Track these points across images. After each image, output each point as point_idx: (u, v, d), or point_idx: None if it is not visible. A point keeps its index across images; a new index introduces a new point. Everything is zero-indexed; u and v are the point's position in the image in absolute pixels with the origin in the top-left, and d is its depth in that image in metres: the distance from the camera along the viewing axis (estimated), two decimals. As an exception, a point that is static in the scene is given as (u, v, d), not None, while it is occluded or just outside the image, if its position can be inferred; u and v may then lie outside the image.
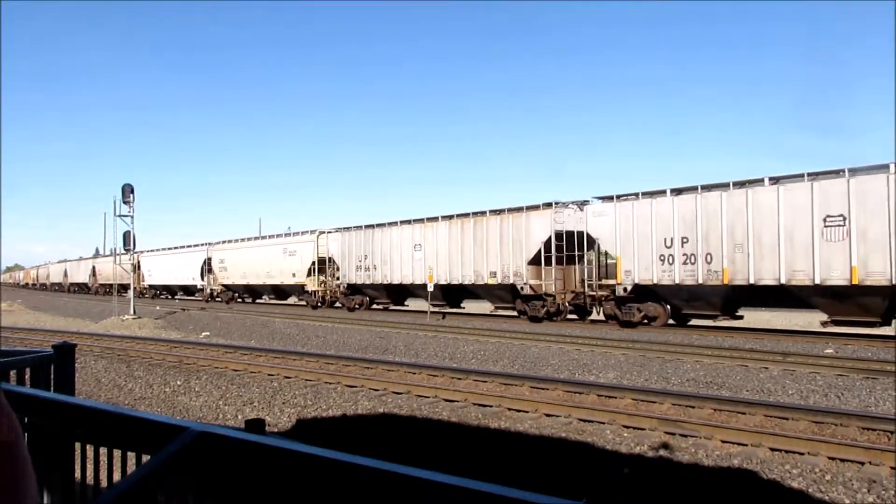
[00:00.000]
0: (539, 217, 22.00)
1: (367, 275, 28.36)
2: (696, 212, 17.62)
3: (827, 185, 15.33)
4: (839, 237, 15.02)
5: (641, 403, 8.21)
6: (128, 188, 27.17)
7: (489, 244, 23.37)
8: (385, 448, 6.72)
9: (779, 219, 16.02)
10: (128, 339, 17.29)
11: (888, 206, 14.29)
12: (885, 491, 5.21)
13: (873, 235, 14.56)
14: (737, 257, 16.80)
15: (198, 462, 1.60)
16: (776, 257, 16.03)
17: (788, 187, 16.02)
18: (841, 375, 10.64)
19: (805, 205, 15.60)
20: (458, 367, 11.34)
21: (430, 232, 25.62)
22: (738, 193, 16.85)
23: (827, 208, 15.23)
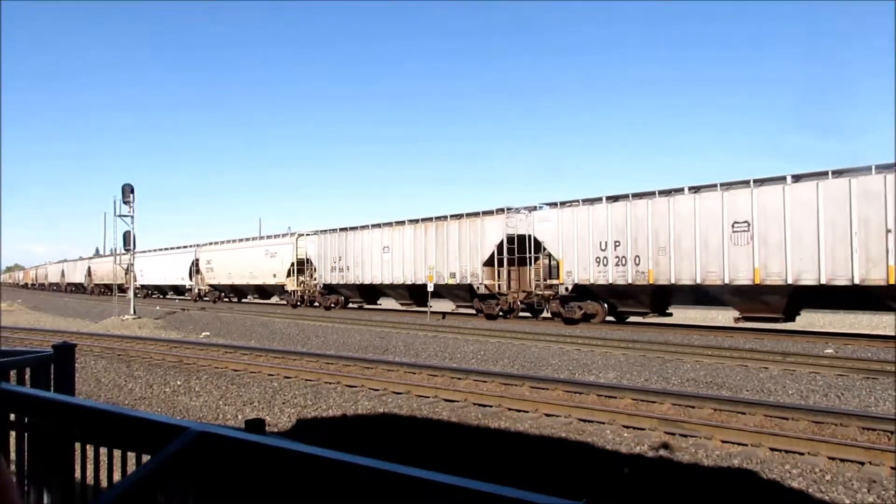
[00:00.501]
0: (493, 221, 23.46)
1: (341, 275, 29.89)
2: (627, 218, 19.21)
3: (735, 195, 16.89)
4: (744, 241, 16.60)
5: (641, 403, 8.21)
6: (128, 188, 27.18)
7: (449, 247, 24.79)
8: (385, 448, 6.72)
9: (695, 225, 17.62)
10: (128, 339, 17.29)
11: (783, 214, 15.89)
12: (885, 491, 5.21)
13: (772, 240, 16.09)
14: (660, 259, 18.34)
15: (198, 462, 1.60)
16: (693, 259, 17.61)
17: (703, 196, 17.62)
18: (841, 375, 10.64)
19: (717, 212, 17.13)
20: (458, 367, 11.34)
21: (398, 235, 27.08)
22: (662, 201, 18.43)
23: (735, 215, 16.79)
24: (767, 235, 16.18)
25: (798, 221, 15.67)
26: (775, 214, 16.04)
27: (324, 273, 30.95)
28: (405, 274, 26.48)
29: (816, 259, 15.33)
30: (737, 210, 16.78)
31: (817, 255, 15.31)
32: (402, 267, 26.59)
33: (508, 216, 22.77)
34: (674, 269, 18.01)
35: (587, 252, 20.21)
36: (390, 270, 27.15)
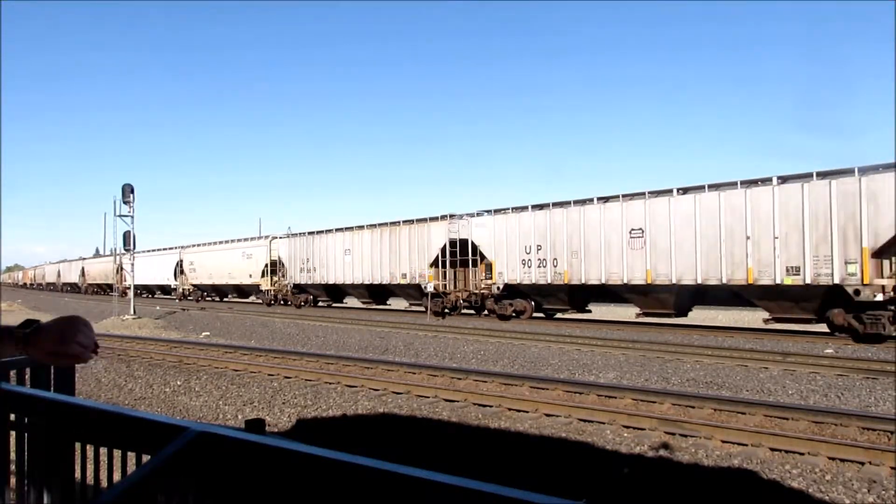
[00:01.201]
0: (437, 227, 25.58)
1: (309, 276, 32.03)
2: (547, 225, 21.47)
3: (632, 205, 19.23)
4: (639, 246, 18.95)
5: (641, 403, 8.21)
6: (128, 188, 27.19)
7: (401, 250, 27.01)
8: (385, 448, 6.72)
9: (601, 231, 19.98)
10: (128, 339, 17.29)
11: (669, 222, 18.30)
12: (886, 491, 5.21)
13: (661, 245, 18.45)
14: (573, 262, 20.75)
15: (198, 462, 1.60)
16: (599, 262, 19.98)
17: (607, 206, 19.98)
18: (841, 375, 10.64)
19: (618, 220, 19.52)
20: (458, 367, 11.34)
21: (357, 238, 29.27)
22: (575, 210, 20.81)
23: (632, 223, 19.16)
24: (657, 241, 18.56)
25: (680, 229, 18.04)
26: (663, 223, 18.45)
27: (294, 274, 33.11)
28: (364, 275, 28.72)
29: (694, 262, 17.73)
30: (633, 219, 19.13)
31: (695, 259, 17.71)
32: (362, 268, 28.79)
33: (451, 222, 24.92)
34: (584, 271, 20.36)
35: (515, 255, 22.44)
36: (351, 271, 29.41)
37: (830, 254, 15.43)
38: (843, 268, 15.24)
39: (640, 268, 18.88)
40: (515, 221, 22.63)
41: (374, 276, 28.24)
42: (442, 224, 25.29)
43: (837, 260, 15.33)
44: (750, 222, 16.73)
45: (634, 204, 19.18)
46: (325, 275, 30.95)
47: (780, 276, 16.22)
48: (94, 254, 65.39)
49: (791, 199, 16.10)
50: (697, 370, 11.45)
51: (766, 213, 16.50)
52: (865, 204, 14.87)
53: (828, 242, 15.49)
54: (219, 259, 39.38)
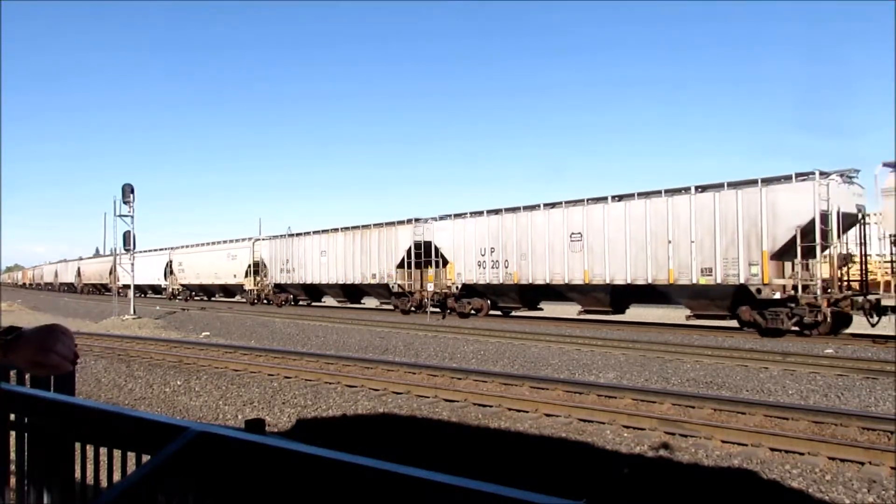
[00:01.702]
0: (404, 230, 27.12)
1: (288, 276, 33.73)
2: (500, 229, 23.16)
3: (572, 211, 20.94)
4: (578, 249, 20.65)
5: (641, 403, 8.21)
6: (128, 188, 27.20)
7: (371, 251, 28.61)
8: (385, 448, 6.72)
9: (546, 235, 21.58)
10: (128, 339, 17.29)
11: (604, 227, 19.97)
12: (885, 491, 5.21)
13: (596, 248, 20.14)
14: (522, 263, 22.32)
15: (198, 462, 1.60)
16: (545, 263, 21.59)
17: (552, 212, 21.53)
18: (841, 375, 10.64)
19: (560, 225, 21.17)
20: (458, 367, 11.35)
21: (332, 241, 30.85)
22: (524, 215, 22.39)
23: (572, 228, 20.86)
24: (593, 244, 20.26)
25: (613, 234, 19.70)
26: (599, 228, 20.15)
27: (275, 274, 34.82)
28: (338, 275, 30.27)
29: (625, 263, 19.37)
30: (573, 223, 20.85)
31: (625, 261, 19.35)
32: (336, 269, 30.33)
33: (416, 226, 26.55)
34: (531, 271, 22.02)
35: (472, 257, 24.10)
36: (327, 272, 30.96)
37: (737, 256, 17.14)
38: (748, 269, 16.93)
39: (579, 269, 20.61)
40: (472, 226, 24.27)
41: (347, 277, 29.77)
42: (408, 227, 26.83)
43: (743, 262, 17.04)
44: (671, 228, 18.40)
45: (575, 210, 20.94)
46: (303, 275, 32.56)
47: (696, 277, 17.85)
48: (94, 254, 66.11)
49: (705, 207, 17.80)
50: (697, 370, 11.45)
51: (684, 219, 18.14)
52: (765, 212, 16.62)
53: (735, 246, 17.16)
54: (205, 260, 40.97)
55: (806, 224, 16.08)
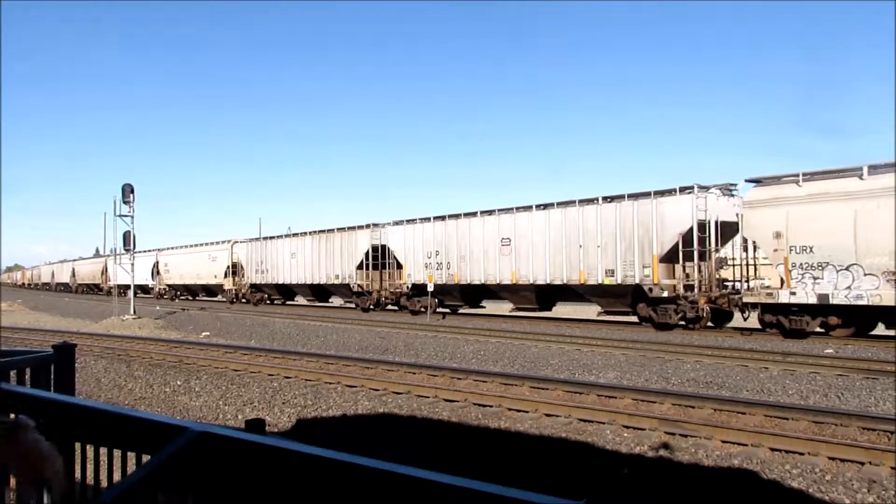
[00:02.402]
0: (363, 234, 29.32)
1: (263, 277, 35.99)
2: (444, 234, 25.39)
3: (503, 219, 23.34)
4: (508, 252, 22.92)
5: (641, 403, 8.21)
6: (128, 188, 27.20)
7: (334, 254, 30.67)
8: (385, 448, 6.72)
9: (482, 240, 23.86)
10: (128, 339, 17.29)
11: (529, 233, 22.27)
12: (886, 491, 5.21)
13: (522, 252, 22.42)
14: (462, 265, 24.62)
15: (198, 462, 1.60)
16: (480, 265, 23.86)
17: (486, 219, 23.92)
18: (841, 375, 10.63)
19: (494, 231, 23.55)
20: (458, 367, 11.34)
21: (301, 244, 32.91)
22: (464, 222, 24.77)
23: (503, 234, 23.14)
24: (520, 248, 22.48)
25: (536, 239, 21.96)
26: (525, 234, 22.39)
27: (251, 275, 37.08)
28: (306, 275, 32.30)
29: (545, 265, 21.66)
30: (504, 229, 23.14)
31: (546, 263, 21.62)
32: (305, 270, 32.37)
33: (373, 230, 28.75)
34: (469, 272, 24.28)
35: (420, 259, 26.27)
36: (297, 273, 33.05)
37: (633, 260, 19.40)
38: (642, 271, 19.19)
39: (508, 270, 22.90)
40: (421, 231, 26.48)
41: (314, 277, 31.86)
42: (366, 232, 29.11)
43: (638, 265, 19.30)
44: (582, 234, 20.74)
45: (505, 217, 23.23)
46: (276, 276, 34.81)
47: (601, 278, 20.20)
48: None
49: (609, 216, 20.11)
50: (697, 370, 11.45)
51: (592, 227, 20.46)
52: (656, 221, 18.89)
53: (632, 251, 19.44)
54: (188, 261, 43.14)
55: (686, 231, 18.37)
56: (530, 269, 22.14)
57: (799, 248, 16.01)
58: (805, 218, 15.84)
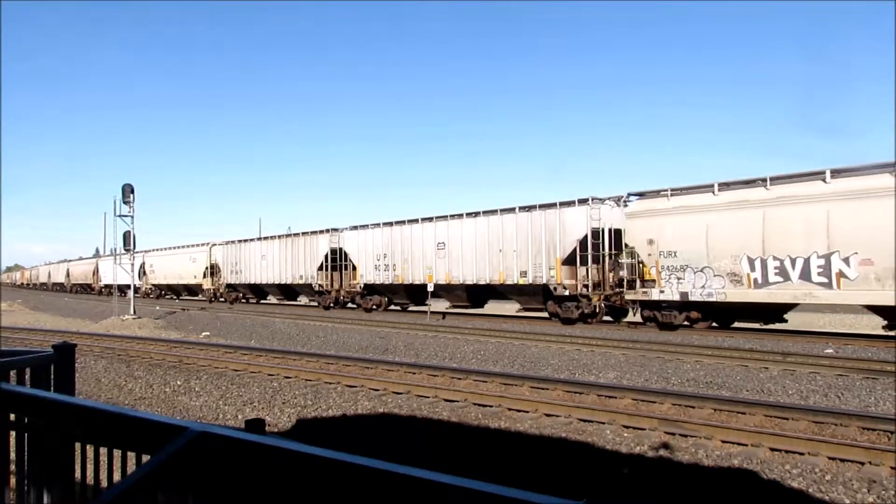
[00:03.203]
0: (322, 238, 31.89)
1: (237, 277, 38.70)
2: (391, 238, 27.94)
3: (439, 225, 25.83)
4: (443, 255, 25.50)
5: (641, 403, 8.21)
6: (128, 188, 27.19)
7: (298, 256, 33.30)
8: (385, 448, 6.72)
9: (422, 244, 26.35)
10: (128, 339, 17.30)
11: (460, 238, 24.95)
12: (886, 491, 5.21)
13: (454, 255, 25.01)
14: (405, 267, 27.11)
15: (198, 462, 1.60)
16: (421, 266, 26.34)
17: (425, 225, 26.42)
18: (841, 375, 10.64)
19: (431, 236, 26.01)
20: (458, 367, 11.35)
21: (270, 246, 35.73)
22: (407, 228, 27.32)
23: (438, 238, 25.75)
24: (452, 252, 25.16)
25: (466, 243, 24.61)
26: (457, 239, 25.03)
27: (227, 275, 39.66)
28: (275, 276, 34.97)
29: (473, 267, 24.29)
30: (440, 235, 25.69)
31: (473, 265, 24.27)
32: (274, 271, 35.04)
33: (332, 235, 31.36)
34: (411, 273, 26.74)
35: (371, 261, 28.85)
36: (267, 273, 35.72)
37: (542, 262, 21.91)
38: (549, 272, 21.70)
39: (444, 271, 25.39)
40: (371, 235, 29.03)
41: (282, 277, 34.59)
42: (326, 236, 31.71)
43: (545, 267, 21.83)
44: (502, 240, 23.32)
45: (441, 224, 25.83)
46: (248, 276, 37.62)
47: (517, 278, 22.71)
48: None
49: (523, 223, 22.71)
50: (697, 370, 11.45)
51: (510, 233, 23.03)
52: (559, 229, 21.50)
53: (541, 254, 21.98)
54: (171, 262, 45.53)
55: (583, 238, 20.91)
56: (461, 271, 24.80)
57: (666, 252, 18.62)
58: (671, 227, 18.54)
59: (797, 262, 16.14)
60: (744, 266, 17.01)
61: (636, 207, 19.58)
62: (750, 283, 16.91)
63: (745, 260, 16.97)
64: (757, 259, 16.78)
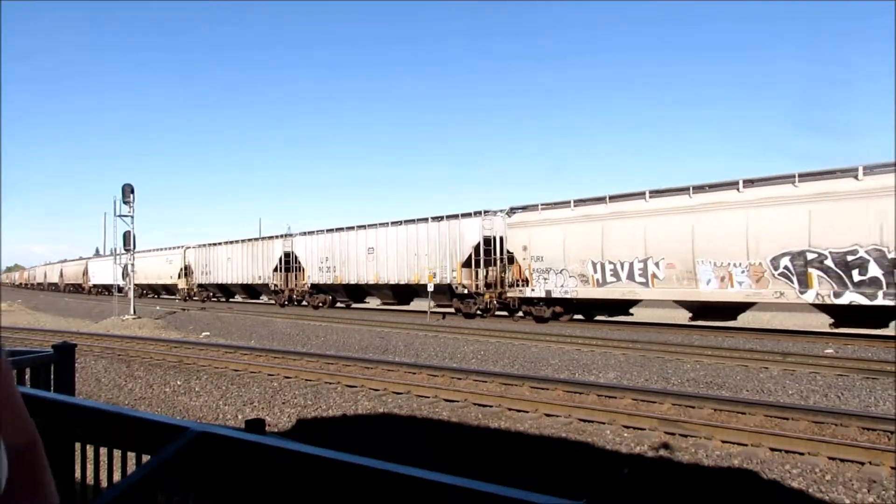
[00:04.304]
0: (277, 242, 35.63)
1: (207, 277, 42.33)
2: (332, 243, 31.47)
3: (370, 231, 29.39)
4: (372, 259, 29.04)
5: (641, 403, 8.20)
6: (128, 188, 27.20)
7: (256, 258, 37.15)
8: (385, 448, 6.72)
9: (356, 248, 29.88)
10: (128, 339, 17.29)
11: (386, 244, 28.44)
12: (886, 491, 5.21)
13: (381, 258, 28.50)
14: (343, 269, 30.71)
15: (198, 462, 1.60)
16: (355, 269, 29.96)
17: (359, 232, 30.05)
18: (841, 375, 10.63)
19: (364, 241, 29.62)
20: (458, 367, 11.34)
21: (235, 249, 39.62)
22: (345, 234, 30.80)
23: (368, 244, 29.34)
24: (379, 255, 28.56)
25: (390, 248, 28.10)
26: (383, 244, 28.54)
27: (198, 276, 43.16)
28: (239, 276, 38.74)
29: (395, 269, 27.72)
30: (370, 241, 29.24)
31: (395, 267, 27.70)
32: (238, 272, 38.78)
33: (285, 240, 34.93)
34: (347, 274, 30.40)
35: (316, 264, 32.24)
36: (232, 274, 39.48)
37: (447, 265, 25.42)
38: (451, 274, 25.22)
39: (373, 273, 28.95)
40: (316, 240, 32.58)
41: (244, 278, 38.27)
42: (280, 241, 35.34)
43: (449, 269, 25.37)
44: (417, 245, 26.75)
45: (371, 231, 29.34)
46: (217, 276, 41.12)
47: (426, 278, 25.78)
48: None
49: (433, 231, 26.30)
50: (697, 370, 11.45)
51: (423, 239, 26.55)
52: (459, 237, 25.22)
53: (446, 258, 25.51)
54: (151, 263, 48.17)
55: (477, 245, 24.43)
56: (386, 272, 28.13)
57: (535, 257, 22.16)
58: (538, 236, 22.13)
59: (625, 266, 19.80)
60: (589, 269, 20.71)
61: (515, 219, 23.35)
62: (594, 283, 20.69)
63: (590, 264, 20.60)
64: (598, 263, 20.44)
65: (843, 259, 15.54)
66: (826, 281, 15.88)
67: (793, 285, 16.43)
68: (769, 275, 16.81)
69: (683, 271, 18.38)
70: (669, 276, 18.68)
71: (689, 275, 18.29)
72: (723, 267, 17.62)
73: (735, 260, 17.35)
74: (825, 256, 15.84)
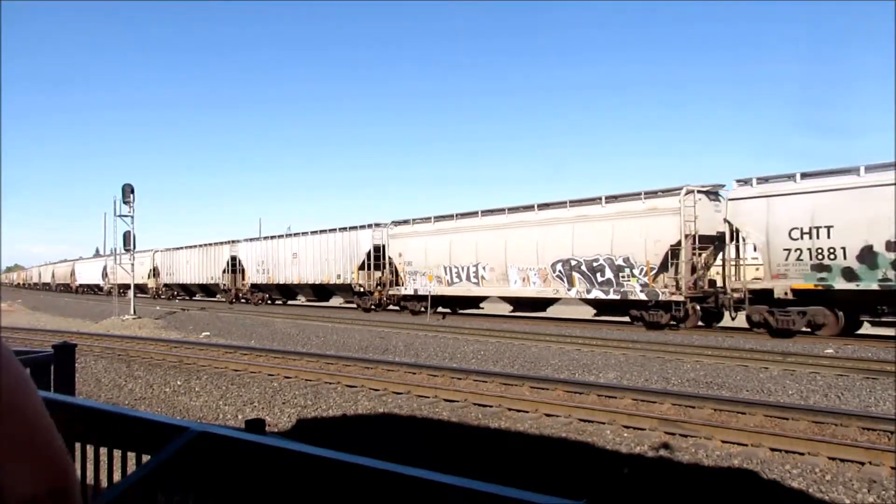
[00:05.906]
0: (225, 248, 40.89)
1: (171, 277, 47.97)
2: (266, 248, 36.48)
3: (294, 239, 34.39)
4: (296, 263, 33.70)
5: (641, 403, 8.20)
6: (128, 188, 27.20)
7: (209, 261, 42.60)
8: (385, 448, 6.72)
9: (284, 253, 34.62)
10: (128, 339, 17.29)
11: (306, 249, 33.00)
12: (886, 491, 5.21)
13: (303, 261, 33.04)
14: (275, 270, 35.57)
15: (198, 462, 1.60)
16: (284, 270, 34.80)
17: (286, 240, 35.10)
18: (841, 375, 10.63)
19: (290, 248, 34.27)
20: (458, 367, 11.34)
21: (192, 253, 44.85)
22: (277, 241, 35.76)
23: (293, 250, 33.99)
24: (301, 259, 33.25)
25: (310, 253, 32.65)
26: (304, 249, 33.16)
27: (164, 276, 48.95)
28: (195, 277, 44.20)
29: (313, 270, 32.34)
30: (294, 247, 33.99)
31: (314, 269, 32.34)
32: (194, 272, 44.19)
33: (232, 245, 40.21)
34: (278, 276, 35.22)
35: (255, 266, 37.42)
36: (190, 274, 44.86)
37: (348, 268, 30.12)
38: (350, 275, 30.03)
39: (297, 274, 33.66)
40: (255, 246, 37.90)
41: (201, 278, 43.57)
42: (227, 246, 40.59)
43: (349, 271, 30.14)
44: (329, 251, 31.37)
45: (295, 239, 34.28)
46: (178, 277, 46.65)
47: (335, 279, 31.02)
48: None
49: (338, 240, 30.96)
50: (697, 370, 11.44)
51: (332, 246, 31.20)
52: (355, 244, 29.93)
53: (348, 262, 30.13)
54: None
55: (369, 251, 29.22)
56: (307, 274, 32.77)
57: (407, 262, 27.31)
58: (409, 245, 27.38)
59: (465, 270, 25.01)
60: (442, 272, 25.74)
61: (395, 231, 28.33)
62: (445, 283, 25.70)
63: (443, 268, 25.69)
64: (447, 267, 25.57)
65: (590, 265, 20.89)
66: (583, 281, 21.16)
67: (564, 284, 21.77)
68: (550, 276, 22.08)
69: (500, 274, 23.77)
70: (492, 278, 24.10)
71: (503, 276, 23.66)
72: (523, 270, 22.95)
73: (530, 265, 22.62)
74: (581, 263, 21.15)
